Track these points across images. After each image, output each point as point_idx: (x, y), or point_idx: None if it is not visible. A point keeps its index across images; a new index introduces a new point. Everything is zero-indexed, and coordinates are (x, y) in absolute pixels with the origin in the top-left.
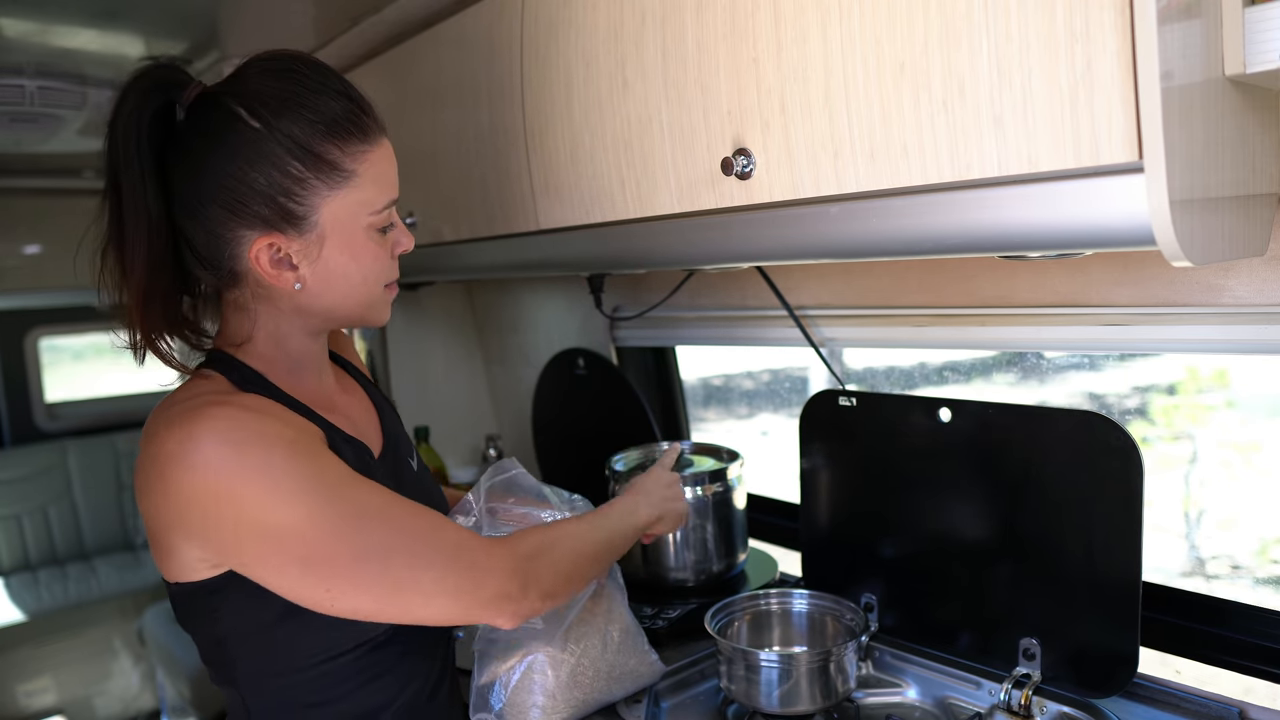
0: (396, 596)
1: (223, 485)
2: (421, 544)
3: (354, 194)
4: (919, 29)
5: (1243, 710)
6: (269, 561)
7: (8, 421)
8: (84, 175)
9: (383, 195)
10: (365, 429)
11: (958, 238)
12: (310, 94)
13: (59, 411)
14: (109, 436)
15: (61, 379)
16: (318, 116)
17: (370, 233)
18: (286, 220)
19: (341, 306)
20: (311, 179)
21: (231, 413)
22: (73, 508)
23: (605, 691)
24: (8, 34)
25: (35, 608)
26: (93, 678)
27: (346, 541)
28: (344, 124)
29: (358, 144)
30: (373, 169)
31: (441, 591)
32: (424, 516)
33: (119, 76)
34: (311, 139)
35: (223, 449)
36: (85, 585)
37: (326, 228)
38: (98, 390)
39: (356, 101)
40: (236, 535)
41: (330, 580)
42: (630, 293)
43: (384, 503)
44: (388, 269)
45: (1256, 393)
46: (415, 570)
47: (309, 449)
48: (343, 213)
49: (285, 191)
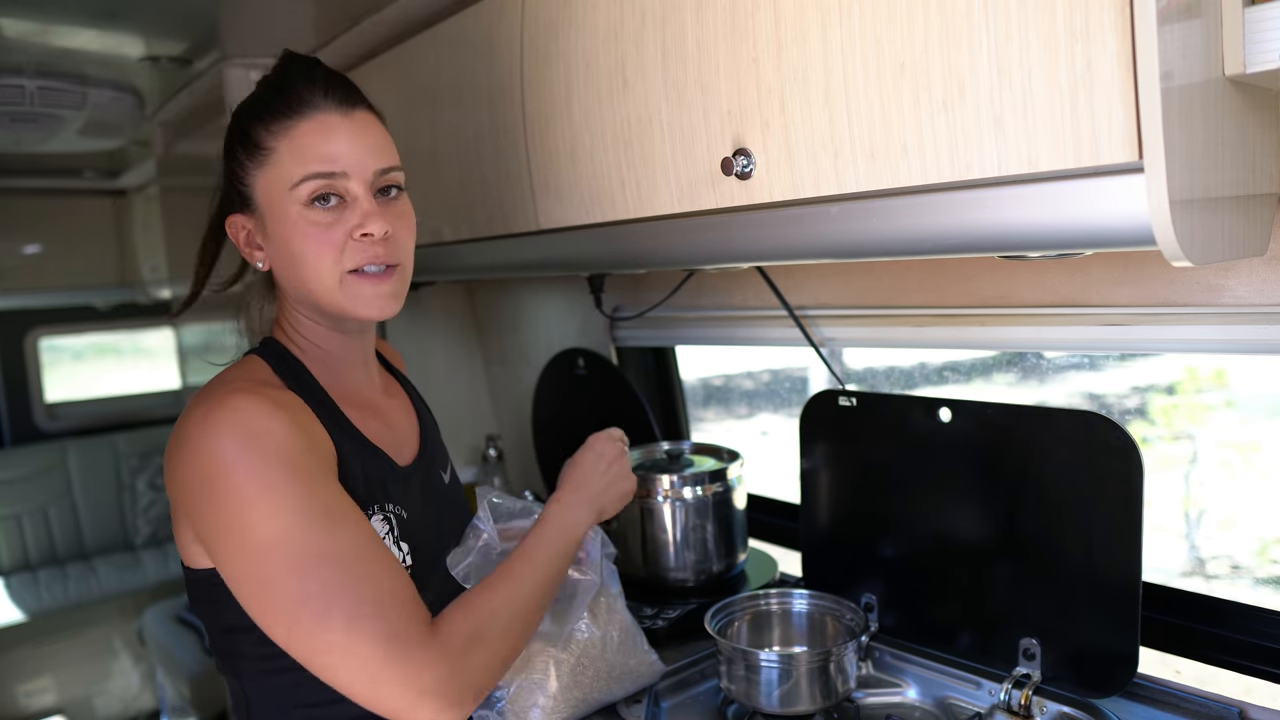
0: (316, 657)
1: (216, 478)
2: (366, 611)
3: (274, 170)
4: (919, 29)
5: (1243, 710)
6: (231, 566)
7: (8, 421)
8: (84, 175)
9: (300, 166)
10: (402, 435)
11: (958, 238)
12: (262, 83)
13: (59, 411)
14: (109, 436)
15: (61, 379)
16: (253, 100)
17: (302, 210)
18: (241, 202)
19: (313, 293)
20: (244, 159)
21: (252, 406)
22: (73, 508)
23: (605, 691)
24: (8, 34)
25: (35, 608)
26: (93, 678)
27: (296, 579)
28: (270, 102)
29: (281, 120)
30: (292, 143)
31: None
32: (386, 582)
33: (119, 76)
34: (246, 122)
35: (226, 443)
36: (85, 585)
37: (263, 205)
38: (98, 390)
39: (290, 80)
40: (214, 529)
41: (270, 611)
42: (630, 293)
43: (356, 550)
44: (339, 250)
45: (1256, 393)
46: (347, 635)
47: (310, 469)
48: (270, 190)
49: (232, 174)
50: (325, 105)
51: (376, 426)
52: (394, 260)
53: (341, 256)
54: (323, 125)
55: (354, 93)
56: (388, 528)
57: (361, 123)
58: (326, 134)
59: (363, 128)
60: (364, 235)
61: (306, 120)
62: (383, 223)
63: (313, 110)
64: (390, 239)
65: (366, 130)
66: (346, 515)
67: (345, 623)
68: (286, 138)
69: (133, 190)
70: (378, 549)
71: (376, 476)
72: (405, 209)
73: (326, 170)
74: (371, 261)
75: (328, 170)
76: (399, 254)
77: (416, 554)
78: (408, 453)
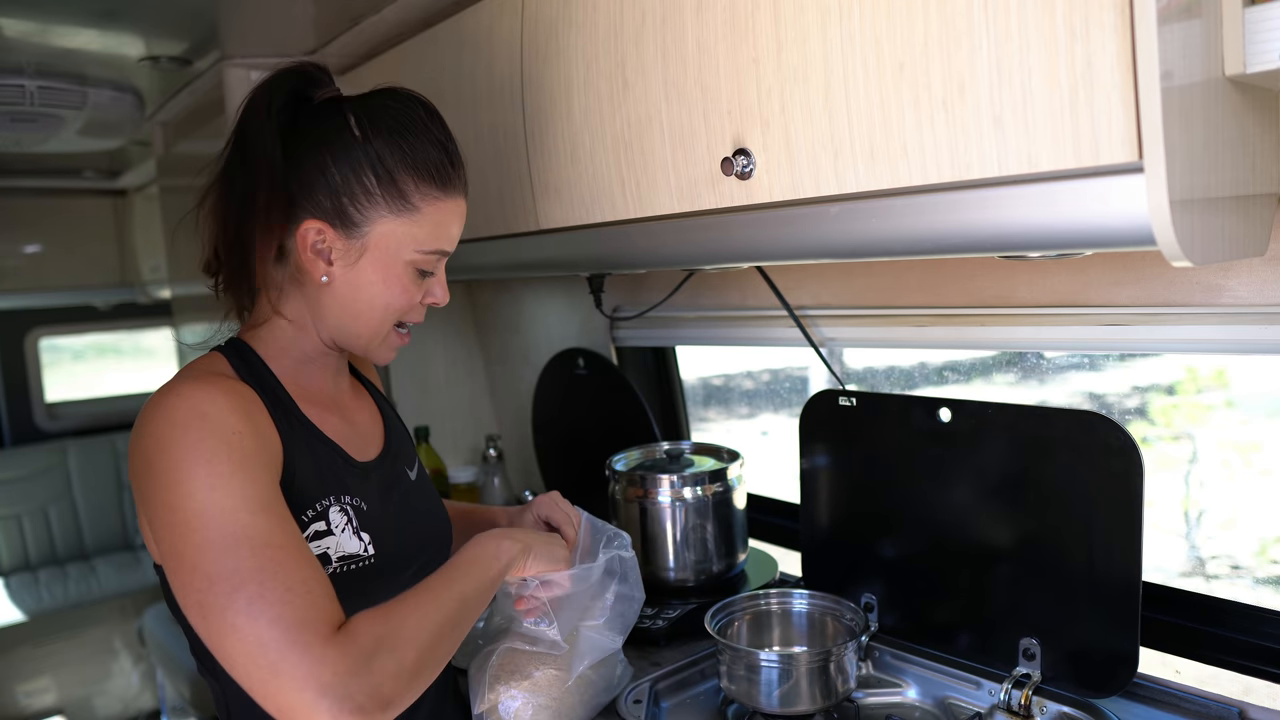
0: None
1: (155, 458)
2: (273, 595)
3: (410, 226)
4: (919, 29)
5: (1243, 710)
6: (162, 544)
7: (8, 421)
8: (84, 175)
9: (435, 240)
10: (364, 433)
11: (958, 238)
12: (413, 132)
13: (59, 411)
14: (109, 436)
15: (61, 379)
16: (409, 150)
17: (409, 268)
18: (340, 218)
19: (353, 326)
20: (378, 195)
21: (199, 392)
22: (73, 508)
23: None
24: (8, 34)
25: (35, 608)
26: (93, 678)
27: (213, 556)
28: (428, 167)
29: (433, 188)
30: (436, 214)
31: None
32: (300, 572)
33: (119, 76)
34: (394, 165)
35: (167, 426)
36: (85, 585)
37: (371, 242)
38: (98, 390)
39: (450, 156)
40: (150, 507)
41: (185, 588)
42: (630, 293)
43: (276, 537)
44: (410, 308)
45: (1256, 393)
46: (250, 618)
47: (246, 454)
48: (392, 236)
49: (350, 194)
50: (462, 190)
51: (335, 423)
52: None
53: (406, 314)
54: (458, 211)
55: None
56: (345, 519)
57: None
58: (459, 220)
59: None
60: (433, 303)
61: (452, 200)
62: (448, 296)
63: (457, 193)
64: None
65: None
66: (273, 505)
67: (249, 605)
68: (434, 207)
69: (133, 190)
70: (299, 543)
71: (331, 470)
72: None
73: (448, 251)
74: (418, 321)
75: (448, 251)
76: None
77: (377, 544)
78: (370, 450)
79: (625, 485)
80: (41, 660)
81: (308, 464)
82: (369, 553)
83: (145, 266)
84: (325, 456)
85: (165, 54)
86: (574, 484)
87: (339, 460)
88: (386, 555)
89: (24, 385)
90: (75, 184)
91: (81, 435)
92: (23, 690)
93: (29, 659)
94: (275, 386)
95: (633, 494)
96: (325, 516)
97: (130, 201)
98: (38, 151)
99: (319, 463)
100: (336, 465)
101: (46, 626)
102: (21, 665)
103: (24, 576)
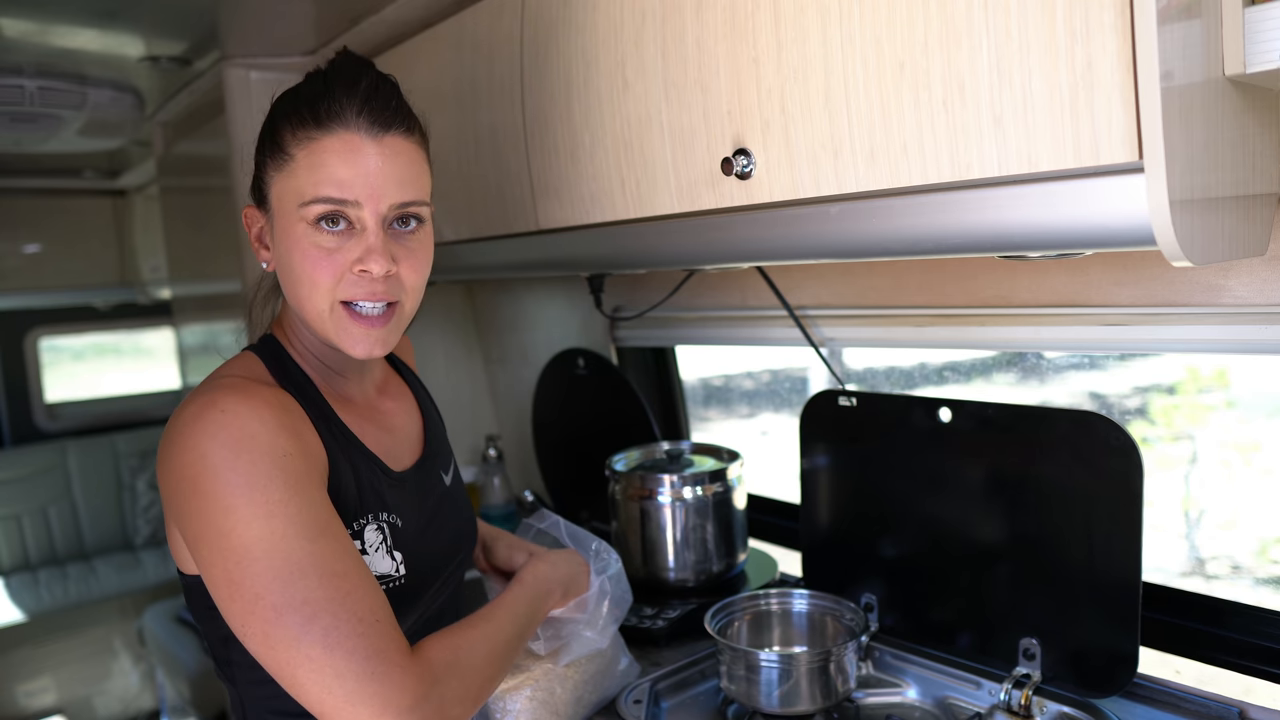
0: (290, 670)
1: (201, 479)
2: (348, 628)
3: (290, 179)
4: (919, 29)
5: (1243, 710)
6: (212, 569)
7: (8, 421)
8: (84, 175)
9: (314, 186)
10: (401, 439)
11: (958, 238)
12: (307, 77)
13: (59, 411)
14: (109, 436)
15: (61, 379)
16: (290, 94)
17: (308, 228)
18: (256, 194)
19: (301, 312)
20: (266, 157)
21: (243, 407)
22: (73, 508)
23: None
24: (8, 34)
25: (35, 608)
26: (93, 678)
27: (278, 588)
28: (302, 108)
29: (308, 128)
30: (311, 158)
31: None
32: (368, 599)
33: (119, 76)
34: (276, 120)
35: (214, 444)
36: (85, 585)
37: (274, 207)
38: (98, 390)
39: (333, 81)
40: (197, 531)
41: (247, 617)
42: (630, 293)
43: (339, 564)
44: (336, 278)
45: (1256, 393)
46: (326, 650)
47: (298, 475)
48: (283, 197)
49: (258, 167)
50: (356, 124)
51: (373, 431)
52: (393, 297)
53: (337, 285)
54: (347, 146)
55: (395, 114)
56: (381, 538)
57: (391, 149)
58: (348, 156)
59: (391, 155)
60: (362, 271)
61: (332, 136)
62: (384, 262)
63: (341, 126)
64: (392, 277)
65: (394, 158)
66: (330, 526)
67: (325, 637)
68: (308, 150)
69: (133, 190)
70: (359, 565)
71: (370, 484)
72: (420, 244)
73: (338, 196)
74: (368, 298)
75: (339, 196)
76: (399, 291)
77: (408, 563)
78: (407, 457)
79: (625, 485)
80: (41, 660)
81: (349, 479)
82: (400, 573)
83: (145, 266)
84: (365, 470)
85: (165, 54)
86: (574, 484)
87: (377, 473)
88: (416, 573)
89: (24, 385)
90: (75, 184)
91: (81, 435)
92: (23, 690)
93: (29, 659)
94: (314, 394)
95: (633, 494)
96: (361, 535)
97: (130, 201)
98: (38, 151)
99: (359, 478)
100: (375, 479)
101: (46, 626)
102: (21, 665)
103: (24, 576)
